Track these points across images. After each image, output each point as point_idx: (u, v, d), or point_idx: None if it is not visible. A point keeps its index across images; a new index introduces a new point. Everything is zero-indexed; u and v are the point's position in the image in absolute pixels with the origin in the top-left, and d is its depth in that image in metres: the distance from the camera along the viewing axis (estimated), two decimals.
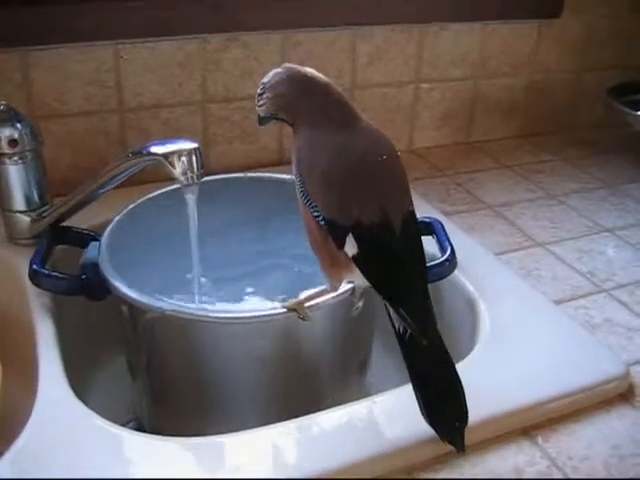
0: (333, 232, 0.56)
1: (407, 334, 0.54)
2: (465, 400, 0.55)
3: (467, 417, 0.55)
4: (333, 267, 0.59)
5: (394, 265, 0.55)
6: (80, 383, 0.64)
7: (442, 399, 0.55)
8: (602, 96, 1.21)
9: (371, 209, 0.55)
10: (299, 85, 0.60)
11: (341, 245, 0.56)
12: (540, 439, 0.59)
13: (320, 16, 1.03)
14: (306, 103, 0.59)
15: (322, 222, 0.56)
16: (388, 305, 0.55)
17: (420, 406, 0.55)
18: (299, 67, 0.61)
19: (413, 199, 0.59)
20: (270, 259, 0.79)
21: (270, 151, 1.08)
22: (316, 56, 1.05)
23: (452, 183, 1.08)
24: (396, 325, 0.55)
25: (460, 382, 0.55)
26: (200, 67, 0.99)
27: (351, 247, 0.55)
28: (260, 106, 0.62)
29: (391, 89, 1.14)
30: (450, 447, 0.56)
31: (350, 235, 0.55)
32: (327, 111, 0.58)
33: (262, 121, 0.64)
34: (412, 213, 0.58)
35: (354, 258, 0.56)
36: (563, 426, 0.61)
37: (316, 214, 0.57)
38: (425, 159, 1.17)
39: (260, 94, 0.61)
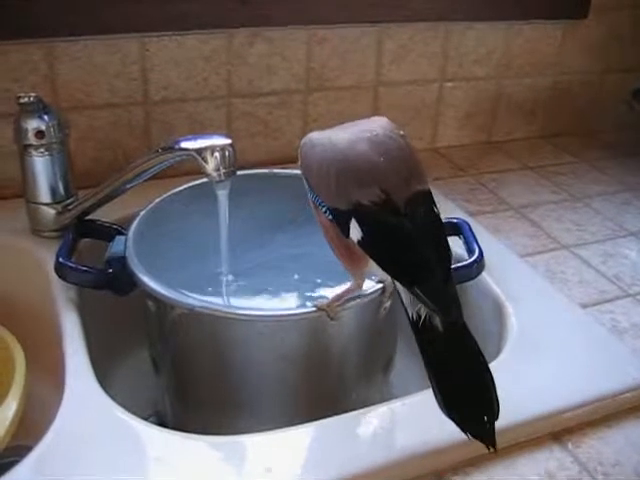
0: (338, 221, 0.56)
1: (421, 321, 0.52)
2: (495, 392, 0.51)
3: (497, 411, 0.50)
4: (353, 262, 0.59)
5: (401, 243, 0.53)
6: (102, 376, 0.64)
7: (464, 390, 0.51)
8: (626, 98, 1.20)
9: (370, 190, 0.54)
10: None
11: (347, 233, 0.55)
12: (570, 444, 0.59)
13: (346, 13, 1.02)
14: None
15: (329, 216, 0.56)
16: (400, 289, 0.53)
17: (437, 397, 0.51)
18: None
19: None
20: (297, 257, 0.79)
21: (293, 147, 1.06)
22: (341, 53, 1.04)
23: (476, 183, 1.07)
24: (409, 312, 0.53)
25: (488, 372, 0.51)
26: (225, 62, 0.98)
27: (355, 232, 0.54)
28: None
29: (415, 87, 1.13)
30: (480, 448, 0.55)
31: (353, 220, 0.54)
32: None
33: None
34: (422, 193, 0.55)
35: (359, 243, 0.54)
36: (593, 431, 0.60)
37: (323, 209, 0.57)
38: (447, 158, 1.17)
39: None
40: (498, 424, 0.52)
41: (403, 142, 0.57)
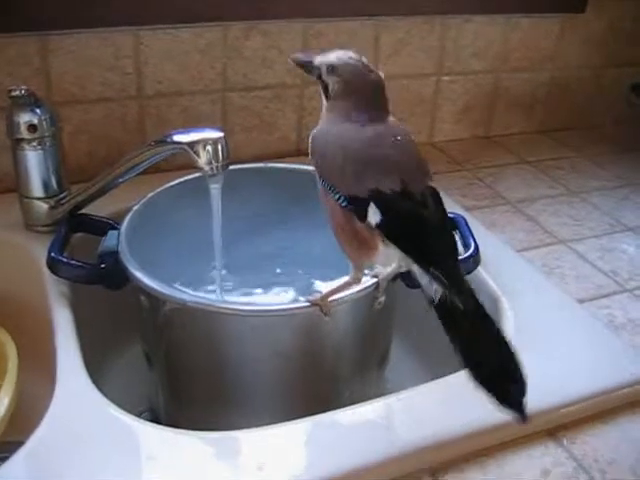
0: (355, 207, 0.56)
1: (442, 300, 0.53)
2: (520, 365, 0.51)
3: (525, 384, 0.50)
4: (359, 249, 0.59)
5: (419, 227, 0.55)
6: (95, 372, 0.63)
7: (495, 365, 0.51)
8: (624, 93, 1.19)
9: (389, 179, 0.55)
10: (363, 87, 0.60)
11: (364, 217, 0.56)
12: (566, 441, 0.58)
13: (343, 6, 1.01)
14: (354, 102, 0.59)
15: (344, 203, 0.56)
16: (419, 270, 0.54)
17: (471, 374, 0.51)
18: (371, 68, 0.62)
19: None
20: (291, 251, 0.78)
21: (288, 141, 1.07)
22: (338, 46, 1.02)
23: (473, 178, 1.07)
24: (428, 293, 0.54)
25: (511, 347, 0.52)
26: (221, 55, 0.98)
27: (374, 215, 0.55)
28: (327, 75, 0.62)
29: (412, 81, 1.13)
30: (475, 444, 0.56)
31: (372, 204, 0.55)
32: (362, 111, 0.59)
33: (311, 70, 0.64)
34: (432, 189, 0.57)
35: (378, 226, 0.55)
36: (589, 428, 0.60)
37: (337, 196, 0.57)
38: (445, 152, 1.16)
39: (331, 69, 0.62)
40: (494, 419, 0.53)
41: (412, 145, 0.59)
